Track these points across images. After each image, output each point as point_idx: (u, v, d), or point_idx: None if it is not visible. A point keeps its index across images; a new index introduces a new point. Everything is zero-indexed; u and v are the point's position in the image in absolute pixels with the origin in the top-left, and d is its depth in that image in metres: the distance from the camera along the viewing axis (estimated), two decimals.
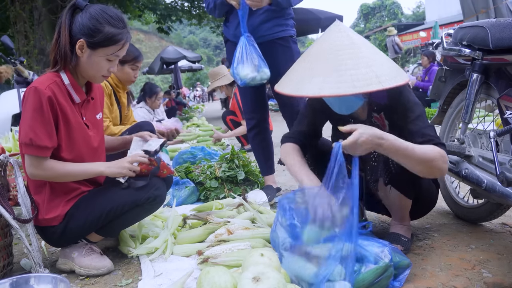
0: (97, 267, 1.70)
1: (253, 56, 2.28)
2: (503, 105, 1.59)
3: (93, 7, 1.60)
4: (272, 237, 1.64)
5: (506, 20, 1.65)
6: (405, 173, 1.58)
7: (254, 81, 2.29)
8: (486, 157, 1.72)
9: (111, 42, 1.60)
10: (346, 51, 1.44)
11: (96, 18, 1.57)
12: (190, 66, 16.50)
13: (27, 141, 1.52)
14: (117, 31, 1.60)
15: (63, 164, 1.61)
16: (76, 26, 1.58)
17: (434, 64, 7.55)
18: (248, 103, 2.64)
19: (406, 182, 1.64)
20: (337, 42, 1.48)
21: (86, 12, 1.58)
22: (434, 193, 1.83)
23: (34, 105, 1.52)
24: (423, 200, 1.79)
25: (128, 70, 2.74)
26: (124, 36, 1.63)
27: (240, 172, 2.86)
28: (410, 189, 1.67)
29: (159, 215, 2.25)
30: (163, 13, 11.76)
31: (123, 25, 1.63)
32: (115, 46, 1.62)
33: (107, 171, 1.67)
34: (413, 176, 1.58)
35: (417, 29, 22.03)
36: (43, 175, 1.59)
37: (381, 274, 1.34)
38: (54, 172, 1.59)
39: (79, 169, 1.64)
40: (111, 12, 1.61)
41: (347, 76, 1.39)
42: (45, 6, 7.55)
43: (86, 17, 1.58)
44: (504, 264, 1.59)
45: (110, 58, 1.64)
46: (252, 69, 2.27)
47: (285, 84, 1.56)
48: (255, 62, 2.27)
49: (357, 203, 1.33)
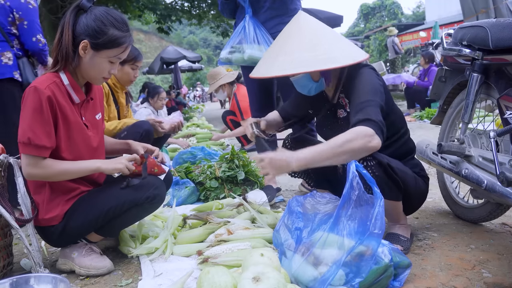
0: (97, 267, 1.70)
1: (261, 39, 2.33)
2: (503, 105, 1.59)
3: (98, 9, 1.61)
4: (274, 237, 1.65)
5: (506, 20, 1.65)
6: (387, 181, 1.62)
7: (254, 61, 2.32)
8: (486, 157, 1.71)
9: (115, 44, 1.61)
10: (294, 37, 1.73)
11: (101, 20, 1.58)
12: (190, 66, 16.51)
13: (25, 141, 1.52)
14: (121, 34, 1.62)
15: (60, 163, 1.60)
16: (80, 27, 1.58)
17: (433, 64, 7.57)
18: (255, 102, 2.65)
19: (389, 188, 1.64)
20: (286, 30, 1.81)
21: (91, 14, 1.59)
22: (423, 186, 1.83)
23: (33, 104, 1.52)
24: (412, 196, 1.77)
25: (128, 70, 2.76)
26: (128, 40, 1.65)
27: (240, 172, 2.86)
28: (397, 192, 1.67)
29: (159, 215, 2.25)
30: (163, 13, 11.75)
31: (127, 28, 1.65)
32: (118, 48, 1.63)
33: (103, 167, 1.66)
34: (396, 180, 1.63)
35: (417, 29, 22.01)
36: (40, 175, 1.58)
37: (381, 274, 1.34)
38: (51, 170, 1.58)
39: (76, 167, 1.63)
40: (115, 15, 1.63)
41: (279, 61, 1.68)
42: (45, 6, 7.54)
43: (91, 18, 1.58)
44: (504, 264, 1.59)
45: (112, 60, 1.64)
46: (258, 50, 2.31)
47: (255, 69, 1.86)
48: (263, 44, 2.32)
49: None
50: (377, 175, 1.59)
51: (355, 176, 1.38)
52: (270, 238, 1.82)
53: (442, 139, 2.21)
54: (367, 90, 1.64)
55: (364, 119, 1.53)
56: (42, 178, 1.62)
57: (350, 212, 1.37)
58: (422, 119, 6.76)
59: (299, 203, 1.57)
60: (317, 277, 1.31)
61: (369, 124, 1.52)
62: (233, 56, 2.34)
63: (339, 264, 1.29)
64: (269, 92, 2.63)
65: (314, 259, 1.36)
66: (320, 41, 1.71)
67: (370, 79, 1.68)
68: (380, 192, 1.57)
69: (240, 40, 2.35)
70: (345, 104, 1.83)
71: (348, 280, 1.29)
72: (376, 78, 1.71)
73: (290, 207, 1.59)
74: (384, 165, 1.61)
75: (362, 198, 1.38)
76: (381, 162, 1.61)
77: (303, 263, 1.37)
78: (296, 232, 1.47)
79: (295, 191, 2.94)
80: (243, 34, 2.34)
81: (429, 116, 6.62)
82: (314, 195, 1.62)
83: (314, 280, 1.32)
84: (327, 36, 1.75)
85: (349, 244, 1.32)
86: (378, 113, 1.57)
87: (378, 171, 1.60)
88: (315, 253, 1.36)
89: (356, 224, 1.36)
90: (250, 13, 2.35)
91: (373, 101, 1.60)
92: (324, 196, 1.62)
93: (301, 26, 1.76)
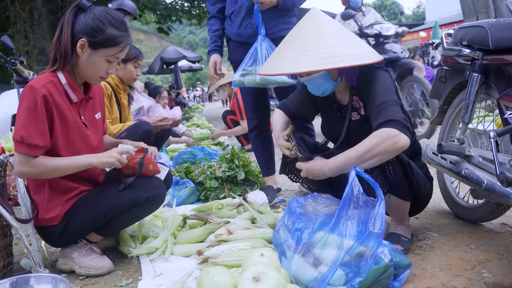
0: (97, 267, 1.70)
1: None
2: (503, 105, 1.59)
3: (97, 8, 1.62)
4: (274, 237, 1.65)
5: (506, 20, 1.65)
6: (403, 179, 1.62)
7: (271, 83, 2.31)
8: (486, 157, 1.71)
9: (112, 43, 1.61)
10: (311, 34, 1.62)
11: (100, 18, 1.59)
12: (190, 66, 16.50)
13: (18, 139, 1.52)
14: (119, 34, 1.62)
15: (51, 159, 1.58)
16: (78, 26, 1.59)
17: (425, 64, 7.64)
18: (250, 103, 2.64)
19: (404, 187, 1.65)
20: (305, 27, 1.67)
21: (90, 13, 1.60)
22: (429, 187, 1.84)
23: (28, 103, 1.52)
24: (420, 197, 1.79)
25: (131, 68, 2.85)
26: (125, 40, 1.65)
27: (240, 172, 2.86)
28: (408, 192, 1.68)
29: (159, 215, 2.25)
30: (163, 13, 11.77)
31: (125, 28, 1.65)
32: (115, 48, 1.63)
33: (96, 162, 1.63)
34: (412, 180, 1.63)
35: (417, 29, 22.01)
36: (31, 173, 1.57)
37: (381, 274, 1.33)
38: (43, 168, 1.56)
39: (67, 162, 1.61)
40: (114, 15, 1.64)
41: (305, 56, 1.57)
42: (45, 6, 7.54)
43: (90, 17, 1.59)
44: (504, 264, 1.59)
45: (109, 59, 1.65)
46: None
47: (263, 67, 1.79)
48: None
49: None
50: (396, 172, 1.59)
51: (355, 179, 1.39)
52: (270, 238, 1.82)
53: (442, 139, 2.21)
54: (383, 91, 1.62)
55: (385, 121, 1.52)
56: (34, 176, 1.61)
57: (350, 213, 1.38)
58: None
59: (299, 204, 1.58)
60: (317, 277, 1.31)
61: (392, 125, 1.50)
62: (246, 78, 2.31)
63: (336, 262, 1.29)
64: (263, 92, 2.62)
65: (314, 260, 1.36)
66: (342, 37, 1.62)
67: (383, 80, 1.66)
68: (394, 190, 1.60)
69: (252, 63, 2.32)
70: (359, 107, 1.78)
71: (348, 280, 1.29)
72: (390, 79, 1.70)
73: (290, 208, 1.59)
74: (405, 163, 1.61)
75: (362, 200, 1.39)
76: (402, 160, 1.60)
77: (303, 264, 1.37)
78: (297, 233, 1.47)
79: (295, 191, 2.94)
80: (256, 56, 2.32)
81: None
82: (315, 197, 1.63)
83: (314, 280, 1.32)
84: (347, 33, 1.66)
85: (348, 244, 1.32)
86: (398, 111, 1.56)
87: (398, 169, 1.59)
88: (315, 254, 1.36)
89: (356, 224, 1.36)
90: (263, 34, 2.33)
91: (391, 100, 1.58)
92: (325, 197, 1.63)
93: (320, 22, 1.64)
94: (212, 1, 2.55)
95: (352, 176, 1.40)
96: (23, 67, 4.17)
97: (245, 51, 2.40)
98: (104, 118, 1.92)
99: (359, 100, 1.79)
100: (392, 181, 1.59)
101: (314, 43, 1.58)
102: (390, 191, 1.65)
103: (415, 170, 1.68)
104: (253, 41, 2.39)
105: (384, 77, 1.68)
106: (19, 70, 4.11)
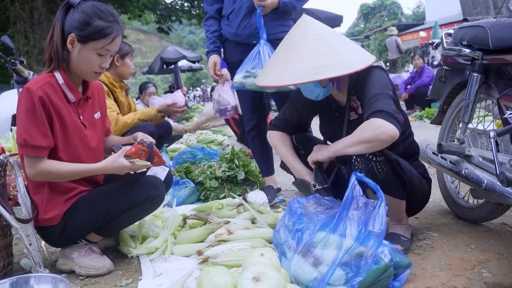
0: (97, 267, 1.70)
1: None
2: (503, 105, 1.59)
3: (86, 4, 1.62)
4: (274, 237, 1.65)
5: (506, 20, 1.65)
6: (393, 177, 1.62)
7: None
8: (486, 157, 1.71)
9: (101, 35, 1.59)
10: (296, 46, 1.69)
11: (86, 12, 1.59)
12: (190, 66, 16.49)
13: (21, 142, 1.52)
14: (107, 25, 1.60)
15: (64, 164, 1.60)
16: (68, 22, 1.59)
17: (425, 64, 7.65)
18: (248, 104, 2.64)
19: (395, 185, 1.65)
20: (291, 36, 1.75)
21: (78, 9, 1.60)
22: (426, 187, 1.85)
23: (26, 105, 1.52)
24: (416, 196, 1.79)
25: (129, 62, 2.94)
26: (114, 30, 1.62)
27: (240, 172, 2.86)
28: (401, 191, 1.68)
29: (159, 215, 2.25)
30: (163, 13, 11.76)
31: (113, 18, 1.63)
32: (104, 39, 1.61)
33: (110, 171, 1.64)
34: (402, 178, 1.64)
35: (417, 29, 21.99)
36: (42, 176, 1.59)
37: (381, 274, 1.33)
38: (55, 172, 1.57)
39: (80, 169, 1.62)
40: (101, 7, 1.62)
41: (288, 69, 1.65)
42: (45, 6, 7.55)
43: (77, 12, 1.59)
44: (504, 264, 1.59)
45: (100, 52, 1.62)
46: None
47: (261, 76, 1.83)
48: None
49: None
50: (385, 170, 1.60)
51: (356, 183, 1.42)
52: (270, 238, 1.82)
53: (442, 139, 2.21)
54: (377, 86, 1.64)
55: (375, 111, 1.55)
56: (45, 179, 1.62)
57: (351, 214, 1.39)
58: (422, 119, 6.76)
59: (300, 204, 1.58)
60: (317, 277, 1.31)
61: (379, 115, 1.53)
62: (247, 80, 2.31)
63: (335, 262, 1.30)
64: (260, 93, 2.62)
65: (314, 260, 1.36)
66: (330, 46, 1.67)
67: (379, 76, 1.69)
68: (385, 188, 1.61)
69: (254, 65, 2.32)
70: (356, 107, 1.81)
71: (348, 280, 1.29)
72: (386, 76, 1.72)
73: (291, 208, 1.59)
74: (393, 161, 1.62)
75: (362, 201, 1.41)
76: (389, 158, 1.62)
77: (303, 264, 1.37)
78: (297, 233, 1.47)
79: (295, 191, 2.94)
80: (258, 59, 2.32)
81: (429, 116, 6.62)
82: (316, 197, 1.64)
83: (314, 280, 1.32)
84: (336, 40, 1.70)
85: (348, 244, 1.32)
86: (389, 103, 1.57)
87: (386, 167, 1.60)
88: (316, 254, 1.36)
89: (356, 225, 1.37)
90: (265, 38, 2.33)
91: (382, 94, 1.60)
92: (326, 198, 1.63)
93: (308, 31, 1.70)
94: (209, 2, 2.55)
95: (353, 180, 1.42)
96: (23, 67, 4.17)
97: (242, 51, 2.40)
98: (105, 117, 1.91)
99: (356, 99, 1.81)
100: (382, 180, 1.60)
101: (297, 56, 1.66)
102: (383, 190, 1.65)
103: (405, 168, 1.68)
104: (251, 42, 2.39)
105: (380, 74, 1.71)
106: (19, 70, 4.11)
